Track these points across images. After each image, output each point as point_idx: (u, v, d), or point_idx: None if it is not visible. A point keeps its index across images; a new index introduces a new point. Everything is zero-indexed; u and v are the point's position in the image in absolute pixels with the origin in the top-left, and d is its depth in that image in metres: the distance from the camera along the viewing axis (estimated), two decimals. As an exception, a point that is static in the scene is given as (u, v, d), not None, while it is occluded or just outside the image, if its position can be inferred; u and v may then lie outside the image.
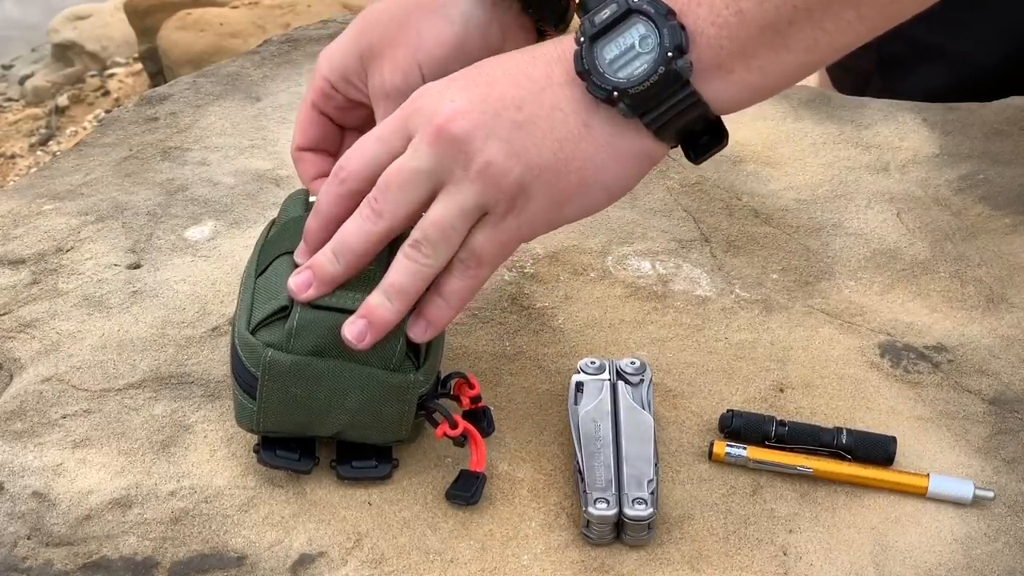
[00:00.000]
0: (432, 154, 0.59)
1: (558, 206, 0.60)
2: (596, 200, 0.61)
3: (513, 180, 0.58)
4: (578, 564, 0.63)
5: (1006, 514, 0.67)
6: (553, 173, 0.59)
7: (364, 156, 0.61)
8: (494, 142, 0.58)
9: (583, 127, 0.59)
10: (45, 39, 4.48)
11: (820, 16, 0.55)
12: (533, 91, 0.59)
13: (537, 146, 0.58)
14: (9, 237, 0.87)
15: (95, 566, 0.62)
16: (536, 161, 0.58)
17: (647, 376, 0.72)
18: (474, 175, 0.58)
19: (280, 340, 0.63)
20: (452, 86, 0.60)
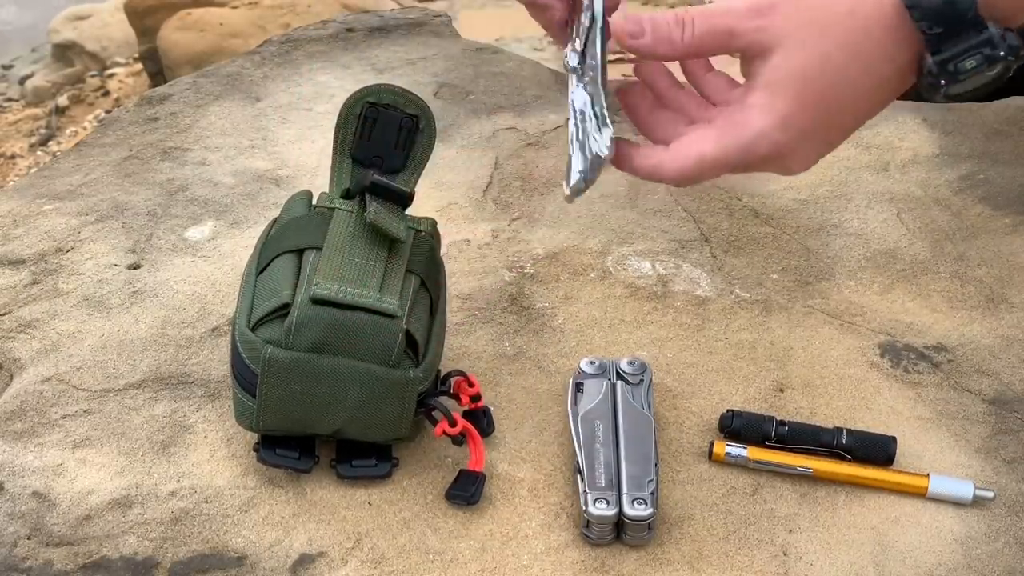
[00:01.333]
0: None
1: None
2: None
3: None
4: (578, 564, 0.63)
5: (1006, 514, 0.67)
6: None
7: (690, 174, 0.63)
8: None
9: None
10: (45, 39, 4.48)
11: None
12: (875, 112, 0.64)
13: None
14: (9, 237, 0.87)
15: (95, 566, 0.62)
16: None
17: (647, 376, 0.72)
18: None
19: (280, 337, 0.63)
20: (807, 144, 0.63)
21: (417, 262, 0.69)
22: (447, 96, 1.11)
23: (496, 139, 1.04)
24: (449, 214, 0.93)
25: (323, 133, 1.03)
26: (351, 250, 0.66)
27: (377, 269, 0.66)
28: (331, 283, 0.64)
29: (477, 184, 0.97)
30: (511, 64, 1.19)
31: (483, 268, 0.86)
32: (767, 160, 0.62)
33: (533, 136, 1.05)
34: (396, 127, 0.71)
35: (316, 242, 0.67)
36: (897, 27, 0.60)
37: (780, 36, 0.61)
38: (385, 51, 1.20)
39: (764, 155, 0.62)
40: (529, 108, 1.10)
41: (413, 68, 1.16)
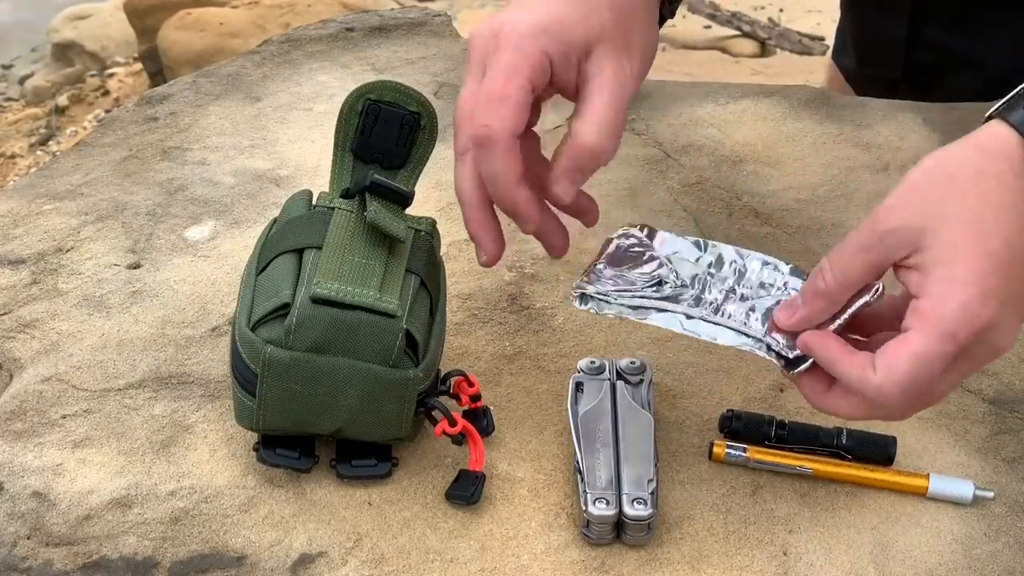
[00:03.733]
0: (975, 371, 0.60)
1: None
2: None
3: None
4: (578, 564, 0.63)
5: (1006, 514, 0.67)
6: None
7: (910, 381, 0.58)
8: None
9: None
10: (45, 39, 4.48)
11: None
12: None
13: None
14: (9, 237, 0.87)
15: (95, 566, 0.62)
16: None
17: (647, 376, 0.72)
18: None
19: (280, 337, 0.63)
20: (1008, 316, 0.57)
21: (417, 262, 0.69)
22: (447, 96, 1.11)
23: (496, 139, 1.04)
24: (449, 214, 0.92)
25: (323, 133, 1.03)
26: (351, 250, 0.66)
27: (377, 269, 0.66)
28: (331, 283, 0.64)
29: (477, 184, 0.97)
30: (511, 64, 1.19)
31: (483, 268, 0.86)
32: (977, 337, 0.57)
33: (533, 136, 1.04)
34: (398, 124, 0.71)
35: (316, 241, 0.67)
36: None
37: (919, 225, 0.57)
38: (385, 51, 1.20)
39: (974, 332, 0.56)
40: (529, 108, 1.09)
41: (413, 68, 1.16)
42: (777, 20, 4.57)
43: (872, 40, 1.21)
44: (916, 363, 0.56)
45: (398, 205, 0.70)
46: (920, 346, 0.56)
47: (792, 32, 4.47)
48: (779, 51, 4.39)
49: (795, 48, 4.40)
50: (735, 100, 1.10)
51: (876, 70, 1.21)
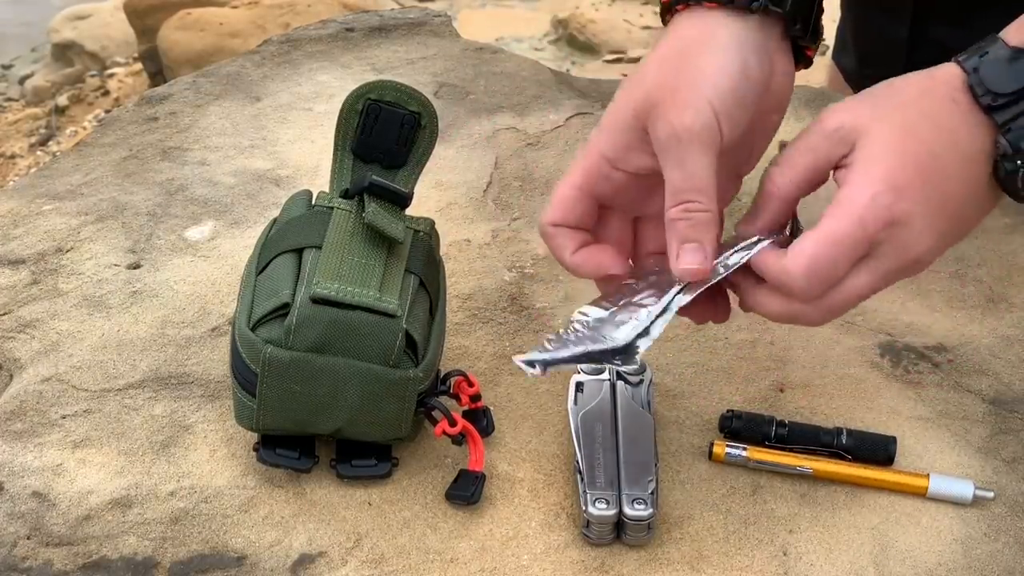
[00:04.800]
0: (891, 281, 0.62)
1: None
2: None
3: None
4: (578, 564, 0.63)
5: (1006, 514, 0.67)
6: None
7: (816, 263, 0.60)
8: (936, 257, 0.62)
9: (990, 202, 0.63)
10: (45, 39, 4.48)
11: None
12: (974, 213, 0.63)
13: (960, 238, 0.64)
14: (9, 237, 0.87)
15: (95, 566, 0.62)
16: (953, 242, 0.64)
17: (647, 376, 0.72)
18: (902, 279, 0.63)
19: (279, 336, 0.63)
20: (922, 218, 0.60)
21: (416, 262, 0.69)
22: (447, 96, 1.11)
23: (496, 139, 1.04)
24: (449, 214, 0.93)
25: (323, 133, 1.03)
26: (350, 249, 0.66)
27: (376, 268, 0.66)
28: (331, 282, 0.64)
29: (477, 184, 0.97)
30: (511, 64, 1.19)
31: (483, 268, 0.86)
32: (888, 229, 0.59)
33: (533, 136, 1.05)
34: (398, 124, 0.71)
35: (315, 241, 0.67)
36: (968, 107, 0.60)
37: (859, 125, 0.61)
38: (385, 51, 1.20)
39: (884, 221, 0.59)
40: (529, 108, 1.10)
41: (413, 68, 1.16)
42: (777, 20, 4.57)
43: (874, 40, 1.21)
44: (821, 243, 0.59)
45: (397, 206, 0.70)
46: (827, 229, 0.59)
47: (792, 32, 4.46)
48: (779, 51, 4.39)
49: (795, 48, 4.40)
50: (735, 100, 1.10)
51: (877, 70, 1.20)
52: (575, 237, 0.66)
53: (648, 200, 0.67)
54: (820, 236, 0.59)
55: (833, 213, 0.59)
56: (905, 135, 0.60)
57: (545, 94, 1.12)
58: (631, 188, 0.67)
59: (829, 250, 0.59)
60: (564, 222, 0.66)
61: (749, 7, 0.65)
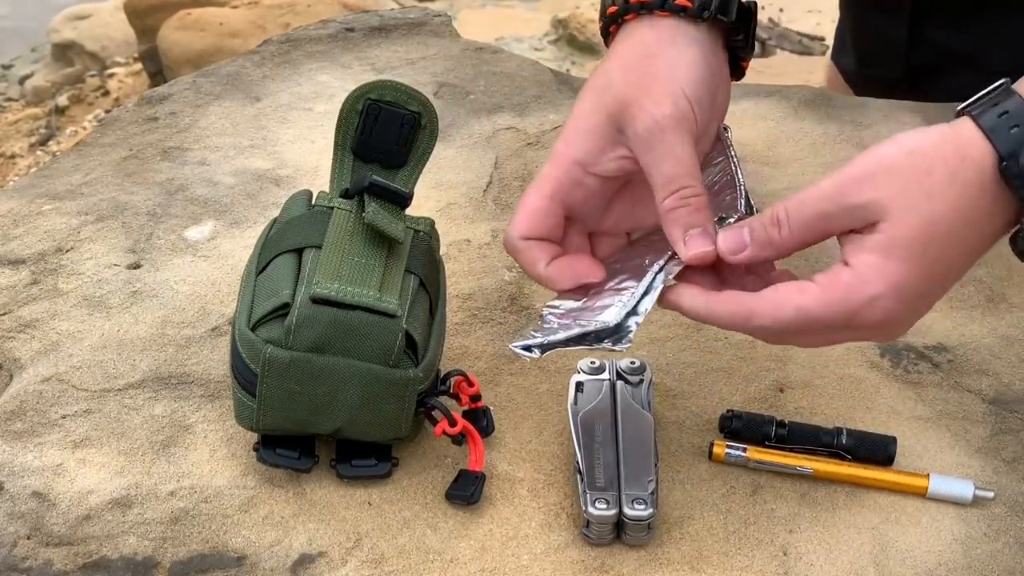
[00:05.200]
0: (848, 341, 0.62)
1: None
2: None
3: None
4: (578, 564, 0.63)
5: (1006, 514, 0.67)
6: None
7: (790, 327, 0.60)
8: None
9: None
10: (45, 39, 4.48)
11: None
12: (968, 265, 0.61)
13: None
14: (9, 237, 0.87)
15: (95, 566, 0.62)
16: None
17: (647, 376, 0.72)
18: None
19: (279, 336, 0.63)
20: (913, 314, 0.59)
21: (416, 262, 0.69)
22: (447, 96, 1.11)
23: (496, 139, 1.04)
24: (449, 214, 0.93)
25: (323, 133, 1.03)
26: (350, 249, 0.66)
27: (376, 268, 0.66)
28: (331, 282, 0.64)
29: (477, 184, 0.97)
30: (511, 64, 1.19)
31: (483, 268, 0.86)
32: (873, 327, 0.58)
33: (533, 136, 1.05)
34: (398, 124, 0.71)
35: (315, 241, 0.67)
36: (997, 191, 0.58)
37: (885, 206, 0.58)
38: (385, 51, 1.20)
39: (874, 322, 0.58)
40: (529, 108, 1.10)
41: (413, 68, 1.16)
42: (777, 20, 4.57)
43: (872, 40, 1.21)
44: (800, 317, 0.58)
45: (397, 206, 0.70)
46: (813, 306, 0.58)
47: (792, 32, 4.47)
48: (779, 51, 4.40)
49: (795, 48, 4.40)
50: (735, 100, 1.09)
51: (876, 70, 1.21)
52: (547, 249, 0.66)
53: (606, 214, 0.69)
54: (802, 308, 0.58)
55: (826, 292, 0.58)
56: (928, 236, 0.57)
57: (545, 94, 1.13)
58: (598, 196, 0.68)
59: (805, 326, 0.59)
60: (534, 235, 0.67)
61: (700, 16, 0.68)
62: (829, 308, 0.58)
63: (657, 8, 0.68)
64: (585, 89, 0.69)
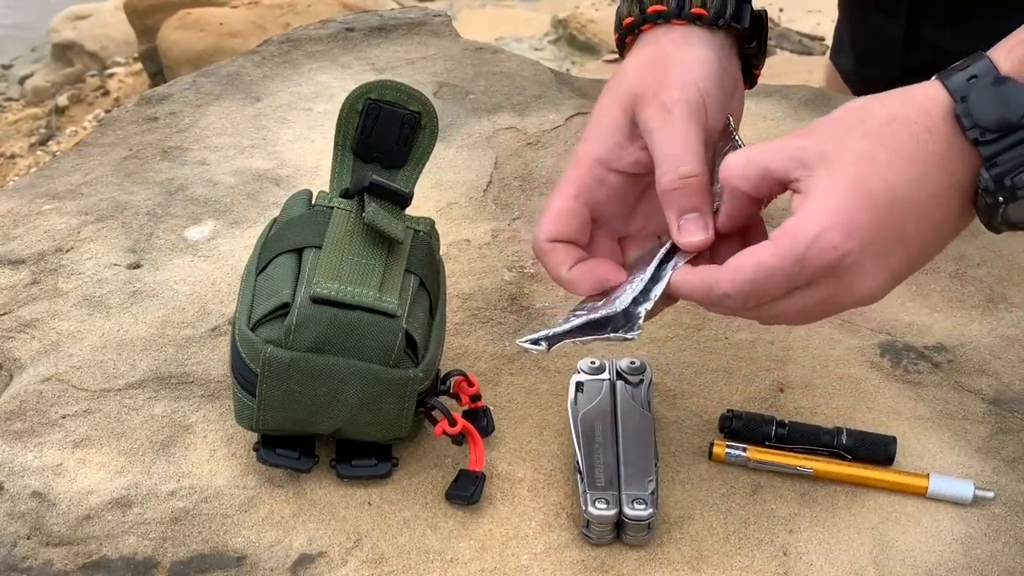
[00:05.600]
0: (831, 310, 0.61)
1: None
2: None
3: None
4: (578, 564, 0.63)
5: (1006, 514, 0.67)
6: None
7: (750, 287, 0.59)
8: (889, 290, 0.60)
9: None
10: (45, 39, 4.48)
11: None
12: (938, 244, 0.60)
13: (918, 268, 0.61)
14: (9, 237, 0.87)
15: (95, 566, 0.62)
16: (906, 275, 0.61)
17: (647, 376, 0.72)
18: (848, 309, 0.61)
19: (279, 336, 0.63)
20: (871, 259, 0.58)
21: (416, 262, 0.69)
22: (447, 96, 1.11)
23: (496, 139, 1.04)
24: (449, 214, 0.93)
25: (323, 133, 1.03)
26: (350, 249, 0.66)
27: (377, 268, 0.66)
28: (331, 282, 0.64)
29: (477, 184, 0.97)
30: (511, 64, 1.19)
31: (483, 268, 0.86)
32: (830, 270, 0.57)
33: (533, 136, 1.05)
34: (398, 124, 0.71)
35: (315, 241, 0.67)
36: (949, 138, 0.57)
37: (821, 149, 0.58)
38: (385, 51, 1.20)
39: (826, 263, 0.56)
40: (529, 108, 1.10)
41: (413, 68, 1.16)
42: (777, 20, 4.57)
43: (870, 40, 1.21)
44: (757, 270, 0.57)
45: (397, 205, 0.70)
46: (767, 257, 0.57)
47: (792, 32, 4.47)
48: (779, 51, 4.40)
49: (795, 48, 4.40)
50: (735, 100, 1.10)
51: (874, 70, 1.21)
52: (571, 253, 0.66)
53: (633, 216, 0.69)
54: (759, 263, 0.57)
55: (777, 242, 0.57)
56: (862, 168, 0.57)
57: (545, 94, 1.13)
58: (622, 195, 0.68)
59: (764, 279, 0.58)
60: (560, 237, 0.67)
61: (715, 23, 0.69)
62: (780, 257, 0.57)
63: (674, 16, 0.70)
64: (603, 90, 0.70)
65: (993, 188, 0.56)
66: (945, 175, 0.57)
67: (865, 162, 0.57)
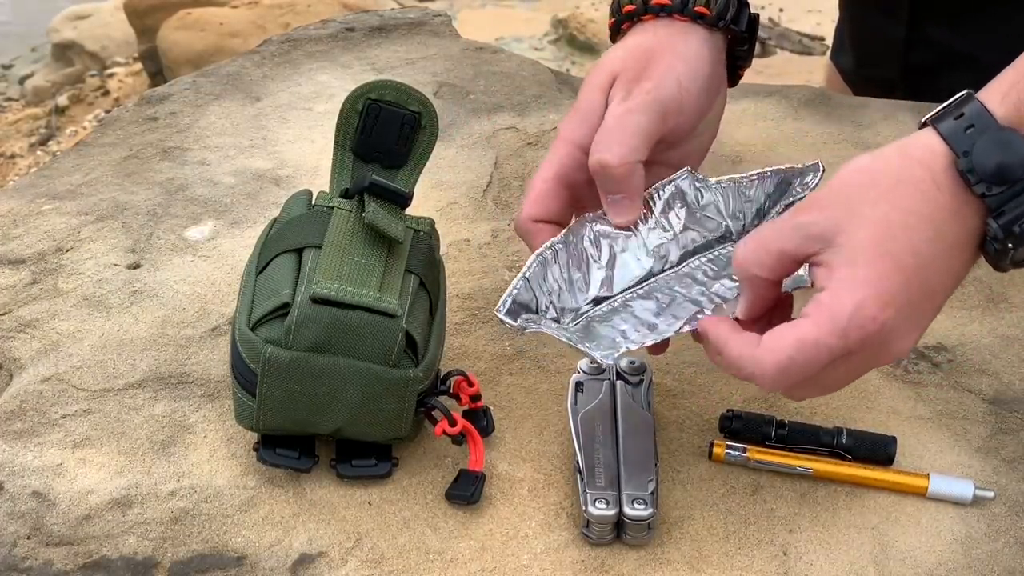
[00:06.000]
0: (867, 370, 0.60)
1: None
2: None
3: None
4: (578, 564, 0.63)
5: (1006, 514, 0.67)
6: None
7: (789, 363, 0.58)
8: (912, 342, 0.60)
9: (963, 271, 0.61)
10: (45, 39, 4.48)
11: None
12: (951, 286, 0.60)
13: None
14: (9, 237, 0.87)
15: (95, 566, 0.62)
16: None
17: (647, 376, 0.72)
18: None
19: (279, 336, 0.63)
20: (907, 320, 0.57)
21: (416, 262, 0.69)
22: (447, 96, 1.11)
23: (496, 139, 1.04)
24: (449, 214, 0.93)
25: (323, 133, 1.03)
26: (350, 249, 0.66)
27: (377, 268, 0.66)
28: (331, 282, 0.64)
29: (477, 184, 0.97)
30: (511, 64, 1.19)
31: (483, 268, 0.86)
32: (870, 340, 0.57)
33: (533, 136, 1.05)
34: (398, 124, 0.71)
35: (315, 241, 0.67)
36: (955, 191, 0.57)
37: (835, 220, 0.58)
38: (385, 51, 1.20)
39: (868, 335, 0.56)
40: (529, 108, 1.10)
41: (413, 68, 1.16)
42: (777, 20, 4.57)
43: (871, 40, 1.21)
44: (799, 349, 0.57)
45: (397, 205, 0.70)
46: (808, 334, 0.57)
47: (792, 32, 4.47)
48: (779, 51, 4.40)
49: (795, 48, 4.41)
50: (735, 100, 1.10)
51: (875, 70, 1.21)
52: (555, 231, 0.69)
53: None
54: (799, 340, 0.57)
55: (815, 319, 0.57)
56: (886, 235, 0.57)
57: (545, 94, 1.13)
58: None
59: (806, 358, 0.57)
60: (543, 217, 0.69)
61: (716, 24, 0.70)
62: (821, 331, 0.56)
63: (676, 12, 0.71)
64: (588, 76, 0.71)
65: (1002, 236, 0.57)
66: (958, 226, 0.58)
67: (882, 227, 0.57)
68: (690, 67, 0.69)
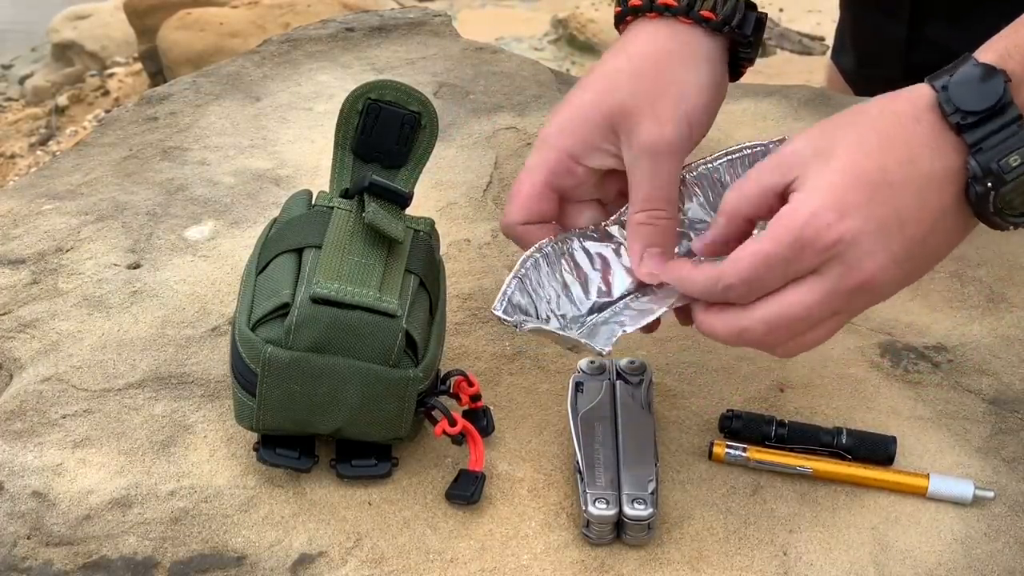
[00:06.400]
0: (843, 303, 0.59)
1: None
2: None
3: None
4: (578, 564, 0.63)
5: (1006, 514, 0.67)
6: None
7: (750, 274, 0.59)
8: (899, 286, 0.60)
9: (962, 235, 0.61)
10: (45, 39, 4.48)
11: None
12: (941, 240, 0.60)
13: (927, 267, 0.62)
14: (9, 237, 0.87)
15: (95, 566, 0.62)
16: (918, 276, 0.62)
17: (647, 376, 0.72)
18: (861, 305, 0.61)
19: (279, 336, 0.63)
20: (870, 236, 0.57)
21: (416, 262, 0.69)
22: (447, 96, 1.11)
23: (496, 139, 1.04)
24: (449, 214, 0.93)
25: (323, 133, 1.03)
26: (350, 249, 0.66)
27: (376, 268, 0.66)
28: (331, 282, 0.64)
29: (477, 184, 0.97)
30: (511, 64, 1.19)
31: (483, 268, 0.86)
32: (829, 250, 0.57)
33: (533, 136, 1.05)
34: (398, 124, 0.71)
35: (315, 241, 0.67)
36: (935, 125, 0.58)
37: (814, 146, 0.59)
38: (385, 51, 1.20)
39: (824, 243, 0.57)
40: (529, 108, 1.10)
41: (413, 68, 1.16)
42: (777, 20, 4.57)
43: (872, 40, 1.21)
44: (758, 258, 0.58)
45: (397, 205, 0.70)
46: (766, 244, 0.58)
47: (792, 32, 4.47)
48: (779, 51, 4.40)
49: (795, 48, 4.40)
50: (735, 100, 1.10)
51: (876, 70, 1.21)
52: (546, 230, 0.70)
53: (602, 188, 0.71)
54: (758, 251, 0.58)
55: (772, 230, 0.58)
56: (853, 153, 0.58)
57: (545, 94, 1.13)
58: (589, 181, 0.70)
59: (767, 267, 0.58)
60: (532, 219, 0.70)
61: (720, 30, 0.70)
62: (776, 242, 0.57)
63: (682, 14, 0.70)
64: (589, 80, 0.70)
65: (981, 174, 0.57)
66: (937, 161, 0.58)
67: (855, 148, 0.58)
68: (695, 100, 0.68)
